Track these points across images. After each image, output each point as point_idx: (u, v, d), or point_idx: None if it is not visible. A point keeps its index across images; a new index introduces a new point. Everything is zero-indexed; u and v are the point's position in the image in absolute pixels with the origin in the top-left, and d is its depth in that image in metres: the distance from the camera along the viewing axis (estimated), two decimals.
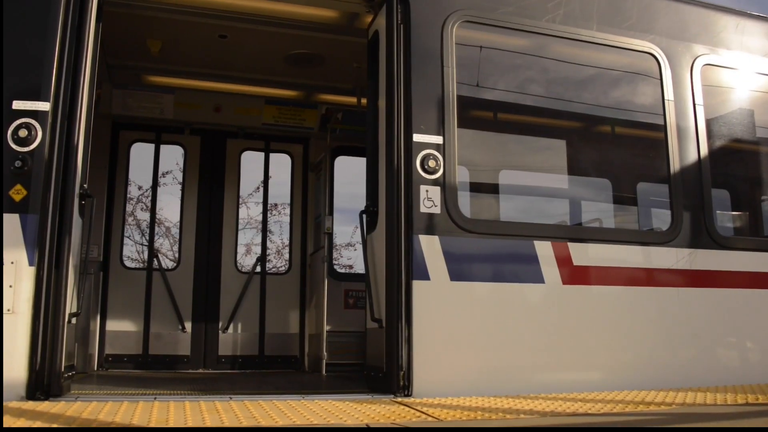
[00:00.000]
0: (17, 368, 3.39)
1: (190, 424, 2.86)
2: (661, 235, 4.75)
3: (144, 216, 14.89)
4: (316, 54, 6.25)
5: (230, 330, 6.98)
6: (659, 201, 5.18)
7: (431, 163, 4.13)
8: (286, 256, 10.75)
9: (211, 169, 7.21)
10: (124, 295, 6.70)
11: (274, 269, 13.94)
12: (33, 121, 3.61)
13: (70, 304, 3.68)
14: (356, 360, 6.15)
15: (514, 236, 4.33)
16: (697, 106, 4.91)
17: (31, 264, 3.49)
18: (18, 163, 3.55)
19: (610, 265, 4.50)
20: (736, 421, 3.23)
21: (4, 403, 3.21)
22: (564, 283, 4.34)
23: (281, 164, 7.72)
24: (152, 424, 2.82)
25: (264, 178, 7.84)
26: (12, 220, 3.50)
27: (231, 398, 3.67)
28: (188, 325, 6.83)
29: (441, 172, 4.15)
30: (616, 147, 5.66)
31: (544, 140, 5.71)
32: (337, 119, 6.94)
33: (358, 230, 4.69)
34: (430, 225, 4.09)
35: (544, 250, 4.32)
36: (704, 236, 4.73)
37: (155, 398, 3.64)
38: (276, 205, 16.53)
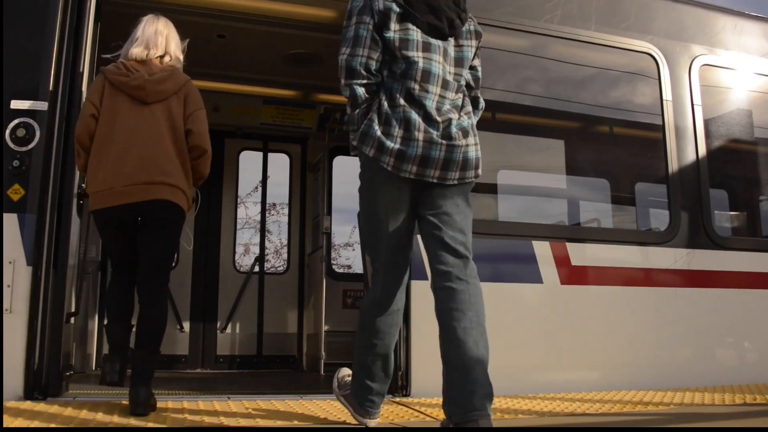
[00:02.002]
0: (15, 368, 3.38)
1: (188, 424, 2.86)
2: (659, 235, 4.75)
3: None
4: (315, 54, 6.24)
5: (228, 330, 6.98)
6: (657, 201, 5.18)
7: None
8: (285, 255, 10.77)
9: (210, 169, 7.20)
10: None
11: (272, 269, 13.94)
12: (31, 121, 3.61)
13: (69, 304, 3.68)
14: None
15: (512, 236, 4.34)
16: (695, 106, 4.92)
17: (29, 264, 3.48)
18: (16, 163, 3.54)
19: (608, 265, 4.51)
20: (734, 421, 3.23)
21: (3, 403, 3.20)
22: (562, 283, 4.34)
23: (279, 164, 7.73)
24: (150, 424, 2.82)
25: (262, 177, 7.83)
26: (10, 220, 3.49)
27: (229, 398, 3.67)
28: (186, 325, 6.82)
29: None
30: (615, 147, 5.66)
31: (542, 140, 5.71)
32: (335, 119, 6.94)
33: (356, 230, 4.68)
34: None
35: (542, 250, 4.33)
36: (702, 236, 4.74)
37: None
38: (274, 204, 16.56)
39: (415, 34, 2.62)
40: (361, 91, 2.60)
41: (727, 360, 4.83)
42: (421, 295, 3.99)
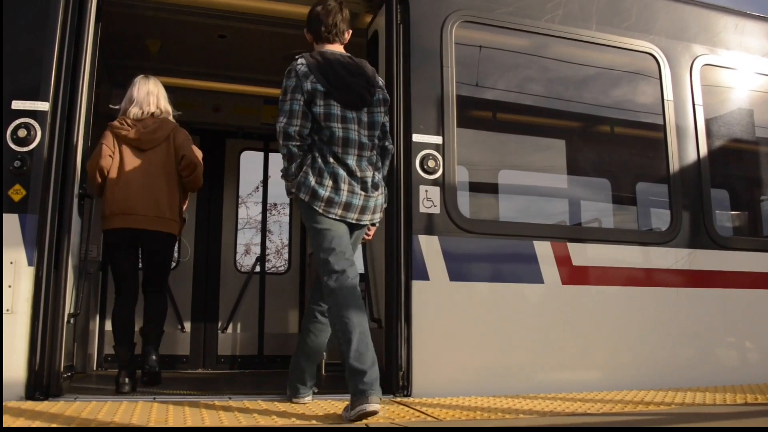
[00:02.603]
0: (16, 368, 3.39)
1: (189, 424, 2.86)
2: (660, 235, 4.75)
3: None
4: None
5: (229, 330, 6.98)
6: (658, 201, 5.18)
7: (431, 163, 4.13)
8: (286, 255, 10.76)
9: (211, 169, 7.21)
10: None
11: (273, 269, 13.95)
12: (32, 121, 3.61)
13: (70, 304, 3.68)
14: None
15: (514, 236, 4.33)
16: (696, 106, 4.91)
17: (30, 264, 3.49)
18: (17, 163, 3.55)
19: (610, 265, 4.50)
20: (736, 421, 3.23)
21: (4, 403, 3.21)
22: (563, 283, 4.34)
23: (280, 164, 7.71)
24: (151, 424, 2.82)
25: (263, 177, 7.83)
26: (11, 220, 3.50)
27: (230, 398, 3.67)
28: (187, 325, 6.82)
29: (440, 172, 4.15)
30: (616, 147, 5.66)
31: (543, 140, 5.71)
32: None
33: None
34: (430, 225, 4.09)
35: (543, 250, 4.33)
36: (703, 236, 4.73)
37: (154, 398, 3.64)
38: (275, 204, 16.55)
39: (336, 108, 3.36)
40: (295, 150, 3.36)
41: (728, 360, 4.83)
42: (422, 295, 4.01)
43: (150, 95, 4.34)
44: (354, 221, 3.37)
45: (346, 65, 3.46)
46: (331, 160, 3.33)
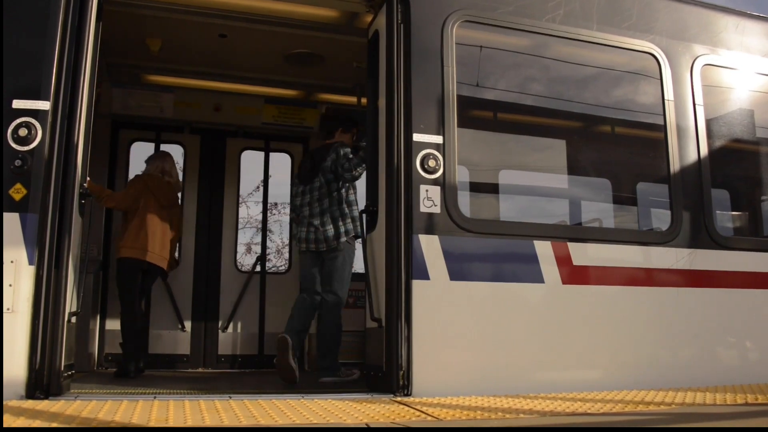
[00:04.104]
0: (17, 367, 3.39)
1: (190, 423, 2.86)
2: (660, 235, 4.75)
3: None
4: (316, 53, 6.24)
5: (230, 329, 6.99)
6: (659, 201, 5.18)
7: (431, 163, 4.13)
8: (286, 255, 10.75)
9: (211, 169, 7.21)
10: None
11: (273, 268, 13.95)
12: (33, 120, 3.61)
13: (70, 303, 3.68)
14: (356, 359, 6.16)
15: (514, 236, 4.33)
16: (697, 106, 4.91)
17: (30, 263, 3.49)
18: (18, 162, 3.55)
19: (610, 265, 4.51)
20: (736, 421, 3.23)
21: (4, 402, 3.21)
22: (564, 282, 4.34)
23: (281, 163, 7.73)
24: (152, 424, 2.82)
25: (264, 177, 7.84)
26: (12, 219, 3.50)
27: (230, 397, 3.67)
28: (188, 325, 6.83)
29: (441, 171, 4.15)
30: (616, 147, 5.66)
31: (543, 140, 5.71)
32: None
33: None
34: (430, 225, 4.09)
35: (543, 249, 4.33)
36: (704, 236, 4.73)
37: (155, 397, 3.64)
38: (276, 204, 16.58)
39: (299, 187, 5.50)
40: (293, 216, 5.81)
41: (728, 360, 4.83)
42: (423, 294, 4.01)
43: (173, 168, 6.04)
44: (314, 249, 5.23)
45: (311, 157, 5.46)
46: (302, 217, 5.39)
